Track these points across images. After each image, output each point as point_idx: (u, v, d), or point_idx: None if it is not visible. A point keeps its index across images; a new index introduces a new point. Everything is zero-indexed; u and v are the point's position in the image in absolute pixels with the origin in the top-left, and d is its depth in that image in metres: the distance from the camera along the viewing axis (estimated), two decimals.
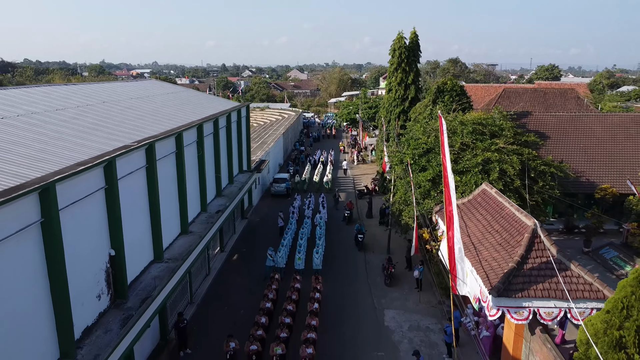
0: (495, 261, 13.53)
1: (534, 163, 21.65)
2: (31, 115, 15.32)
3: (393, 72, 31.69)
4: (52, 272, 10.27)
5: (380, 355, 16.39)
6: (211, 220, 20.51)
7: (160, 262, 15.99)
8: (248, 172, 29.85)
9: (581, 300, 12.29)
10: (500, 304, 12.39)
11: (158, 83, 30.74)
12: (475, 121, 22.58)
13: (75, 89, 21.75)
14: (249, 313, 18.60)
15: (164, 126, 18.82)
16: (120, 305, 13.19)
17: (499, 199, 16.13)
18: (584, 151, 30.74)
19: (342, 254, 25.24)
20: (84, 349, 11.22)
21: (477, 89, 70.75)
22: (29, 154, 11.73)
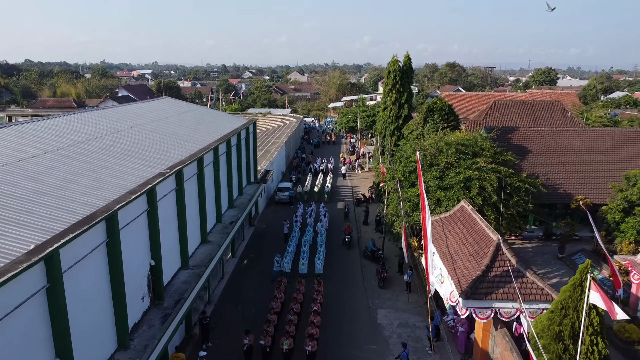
0: (466, 269, 16.42)
1: (510, 180, 24.50)
2: (78, 145, 18.17)
3: (388, 92, 34.62)
4: (114, 280, 13.16)
5: (372, 348, 19.29)
6: (226, 231, 23.41)
7: (187, 269, 18.89)
8: (255, 184, 32.76)
9: (534, 302, 15.18)
10: (468, 305, 15.28)
11: (171, 101, 33.58)
12: (459, 142, 25.43)
13: (105, 113, 24.60)
14: (260, 311, 21.47)
15: (183, 148, 21.72)
16: (159, 306, 16.08)
17: (473, 215, 19.03)
18: (563, 164, 33.59)
19: (341, 259, 28.11)
20: (135, 341, 14.11)
21: (471, 97, 73.84)
22: (89, 184, 14.60)
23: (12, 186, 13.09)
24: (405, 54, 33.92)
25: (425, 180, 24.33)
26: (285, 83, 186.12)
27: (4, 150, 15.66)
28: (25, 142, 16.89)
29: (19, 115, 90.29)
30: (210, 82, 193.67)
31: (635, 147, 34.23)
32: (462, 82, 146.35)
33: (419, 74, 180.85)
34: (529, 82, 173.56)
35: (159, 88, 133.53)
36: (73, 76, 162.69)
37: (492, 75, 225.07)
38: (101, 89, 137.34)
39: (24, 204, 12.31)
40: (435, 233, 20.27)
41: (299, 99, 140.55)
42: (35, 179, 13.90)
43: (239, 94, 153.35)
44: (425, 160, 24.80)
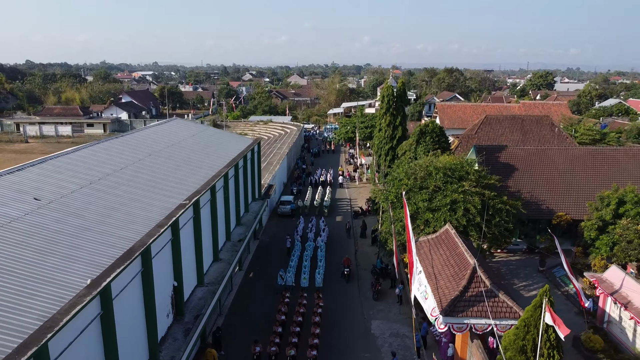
0: (447, 289, 18.89)
1: (492, 202, 26.96)
2: (107, 178, 20.64)
3: (383, 115, 37.13)
4: (147, 302, 15.63)
5: (366, 356, 21.77)
6: (235, 249, 25.89)
7: (202, 286, 21.36)
8: (260, 200, 35.23)
9: (503, 319, 17.66)
10: (447, 321, 17.75)
11: (182, 123, 36.04)
12: (446, 166, 27.89)
13: (125, 141, 27.01)
14: (266, 322, 23.93)
15: (197, 176, 24.19)
16: (180, 321, 18.55)
17: (456, 239, 21.50)
18: (547, 181, 36.07)
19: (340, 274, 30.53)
20: (163, 353, 16.58)
21: (466, 108, 76.24)
22: (122, 218, 17.06)
23: (60, 223, 15.55)
24: (400, 79, 36.41)
25: (415, 202, 26.84)
26: (285, 87, 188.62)
27: (47, 186, 18.12)
28: (62, 177, 19.35)
29: (26, 123, 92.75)
30: (211, 86, 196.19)
31: (615, 165, 36.73)
32: (460, 87, 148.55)
33: (418, 78, 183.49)
34: (525, 87, 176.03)
35: (161, 94, 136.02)
36: (76, 80, 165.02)
37: (491, 77, 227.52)
38: (104, 94, 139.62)
39: (72, 239, 14.78)
40: (423, 253, 22.76)
41: (299, 104, 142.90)
42: (78, 215, 16.36)
43: (240, 99, 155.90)
44: (416, 184, 27.27)
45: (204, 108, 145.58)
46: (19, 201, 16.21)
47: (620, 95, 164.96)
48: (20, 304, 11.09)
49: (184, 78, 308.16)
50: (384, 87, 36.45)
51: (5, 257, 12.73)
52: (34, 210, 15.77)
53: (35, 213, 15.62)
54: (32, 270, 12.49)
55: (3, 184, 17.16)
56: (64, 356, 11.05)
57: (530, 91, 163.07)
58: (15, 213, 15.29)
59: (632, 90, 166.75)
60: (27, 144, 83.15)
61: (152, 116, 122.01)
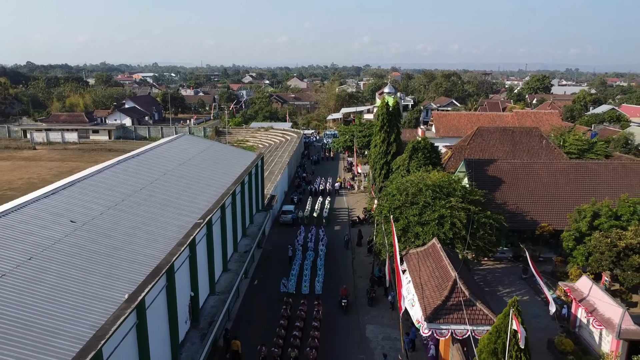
0: (431, 298, 21.40)
1: (477, 217, 29.47)
2: (128, 199, 23.13)
3: (378, 132, 39.69)
4: (170, 312, 18.13)
5: (361, 357, 24.28)
6: (242, 260, 28.41)
7: (214, 295, 23.88)
8: (263, 212, 37.74)
9: (480, 325, 20.16)
10: (431, 327, 20.26)
11: (190, 140, 38.55)
12: (435, 183, 30.38)
13: (140, 160, 29.48)
14: (270, 326, 26.40)
15: (208, 194, 26.70)
16: (196, 327, 21.06)
17: (441, 253, 24.01)
18: (531, 194, 38.56)
19: (338, 281, 33.01)
20: (182, 355, 19.09)
21: (460, 117, 78.66)
22: (146, 237, 19.56)
23: (95, 243, 18.06)
24: (394, 98, 38.98)
25: (407, 216, 29.35)
26: (285, 90, 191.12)
27: (78, 208, 20.62)
28: (89, 199, 21.84)
29: (33, 129, 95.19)
30: (212, 90, 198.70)
31: (596, 178, 39.26)
32: (457, 92, 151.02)
33: (416, 82, 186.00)
34: (522, 92, 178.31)
35: (164, 98, 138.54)
36: (79, 85, 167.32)
37: (489, 80, 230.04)
38: (107, 99, 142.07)
39: (108, 259, 17.28)
40: (412, 265, 25.27)
41: (299, 108, 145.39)
42: (108, 236, 18.87)
43: (240, 103, 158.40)
44: (407, 199, 29.78)
45: (205, 112, 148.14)
46: (58, 223, 18.71)
47: (616, 98, 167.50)
48: (75, 316, 13.60)
49: (184, 80, 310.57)
50: (380, 105, 38.99)
51: (57, 276, 15.24)
52: (71, 232, 18.27)
53: (73, 235, 18.13)
54: (80, 287, 14.99)
55: (41, 207, 19.65)
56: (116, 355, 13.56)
57: (527, 95, 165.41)
58: (56, 235, 17.80)
59: (628, 94, 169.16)
60: (35, 150, 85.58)
61: (154, 121, 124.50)
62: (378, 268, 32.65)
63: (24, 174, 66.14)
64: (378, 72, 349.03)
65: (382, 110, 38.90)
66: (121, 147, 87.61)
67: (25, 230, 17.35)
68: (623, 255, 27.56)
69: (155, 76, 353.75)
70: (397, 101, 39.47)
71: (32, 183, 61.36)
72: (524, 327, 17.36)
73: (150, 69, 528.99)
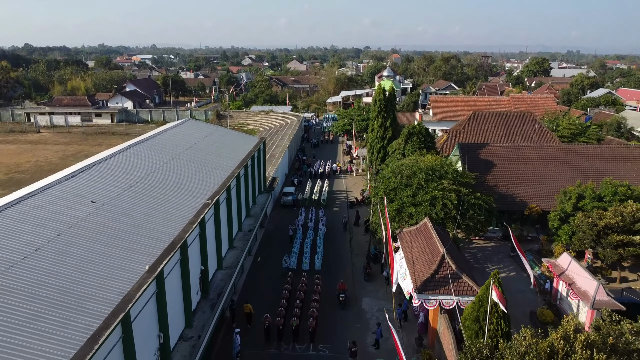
0: (421, 272, 23.36)
1: (467, 198, 31.30)
2: (142, 181, 24.90)
3: (375, 117, 41.28)
4: (184, 282, 20.07)
5: (357, 326, 26.37)
6: (246, 238, 30.34)
7: (221, 270, 25.85)
8: (265, 193, 39.56)
9: (465, 296, 22.14)
10: (420, 297, 22.24)
11: (196, 124, 40.14)
12: (428, 166, 32.13)
13: (150, 145, 31.15)
14: (273, 299, 28.43)
15: (215, 176, 28.46)
16: (206, 297, 23.06)
17: (431, 231, 25.90)
18: (521, 176, 40.32)
19: (336, 259, 35.08)
20: (195, 322, 21.10)
21: (457, 100, 79.96)
22: (162, 216, 21.38)
23: (116, 222, 19.90)
24: (390, 86, 40.46)
25: (401, 197, 31.20)
26: (284, 73, 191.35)
27: (98, 190, 22.40)
28: (108, 182, 23.62)
29: (36, 113, 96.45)
30: (212, 73, 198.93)
31: (584, 161, 40.98)
32: (456, 75, 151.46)
33: (416, 65, 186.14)
34: (521, 75, 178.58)
35: (164, 82, 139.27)
36: (80, 68, 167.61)
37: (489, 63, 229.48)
38: (108, 82, 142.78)
39: (129, 235, 19.14)
40: (405, 242, 27.20)
41: (299, 91, 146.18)
42: (128, 215, 20.71)
43: (240, 86, 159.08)
44: (402, 182, 31.59)
45: (205, 95, 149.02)
46: (80, 204, 20.53)
47: (615, 81, 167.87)
48: (103, 284, 15.50)
49: (184, 63, 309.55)
50: (377, 91, 40.54)
51: (84, 250, 17.11)
52: (93, 212, 20.10)
53: (95, 214, 19.96)
54: (105, 260, 16.88)
55: (64, 189, 21.44)
56: (136, 322, 15.50)
57: (526, 78, 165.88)
58: (80, 214, 19.62)
59: (627, 77, 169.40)
60: (40, 134, 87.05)
61: (155, 104, 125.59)
62: (374, 246, 34.61)
63: (30, 157, 67.79)
64: (378, 55, 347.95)
65: (379, 97, 40.42)
66: (124, 131, 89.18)
67: (53, 210, 19.16)
68: (603, 234, 29.46)
69: (154, 58, 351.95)
70: (393, 87, 40.79)
71: (39, 166, 63.11)
72: (503, 296, 19.31)
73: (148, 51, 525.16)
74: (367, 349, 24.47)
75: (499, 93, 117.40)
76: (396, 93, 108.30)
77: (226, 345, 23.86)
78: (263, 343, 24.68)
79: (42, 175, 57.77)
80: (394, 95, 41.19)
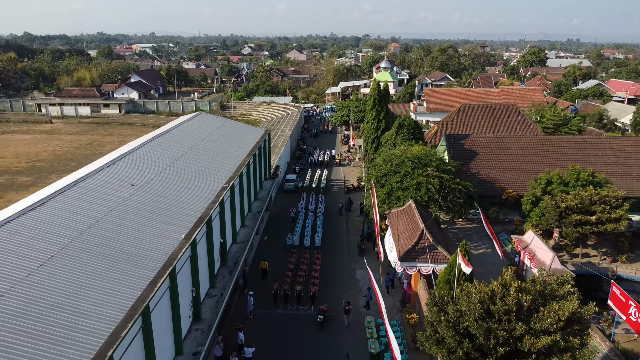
0: (404, 244, 27.91)
1: (449, 183, 35.77)
2: (169, 168, 29.30)
3: (370, 110, 45.64)
4: (209, 251, 24.60)
5: (351, 292, 31.02)
6: (255, 218, 34.89)
7: (236, 244, 30.40)
8: (270, 180, 44.05)
9: (440, 263, 26.72)
10: (403, 264, 26.81)
11: (207, 117, 44.44)
12: (415, 155, 36.53)
13: (170, 137, 35.46)
14: (279, 271, 33.04)
15: (228, 164, 32.87)
16: (225, 265, 27.62)
17: (415, 211, 30.42)
18: (501, 164, 44.77)
19: (334, 237, 39.64)
20: (217, 283, 25.69)
21: (450, 92, 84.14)
22: (190, 197, 25.81)
23: (154, 201, 24.36)
24: (384, 84, 44.79)
25: (390, 183, 35.69)
26: (285, 64, 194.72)
27: (134, 175, 26.80)
28: (141, 168, 28.03)
29: (47, 104, 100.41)
30: (213, 63, 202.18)
31: (558, 151, 45.38)
32: (453, 65, 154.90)
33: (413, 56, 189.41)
34: (518, 65, 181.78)
35: (168, 72, 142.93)
36: (84, 58, 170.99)
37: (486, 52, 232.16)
38: (112, 72, 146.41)
39: (166, 212, 23.61)
40: (392, 221, 31.75)
41: (299, 82, 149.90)
42: (162, 196, 25.16)
43: (241, 76, 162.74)
44: (391, 169, 36.03)
45: (207, 86, 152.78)
46: (123, 187, 24.98)
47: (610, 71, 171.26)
48: (150, 247, 20.01)
49: (184, 52, 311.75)
50: (372, 86, 44.85)
51: (133, 222, 21.61)
52: (135, 193, 24.56)
53: (136, 195, 24.43)
54: (149, 229, 21.41)
55: (107, 175, 25.87)
56: (179, 276, 20.05)
57: (522, 68, 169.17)
58: (124, 194, 24.09)
59: (622, 68, 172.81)
60: (52, 124, 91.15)
61: (159, 95, 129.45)
62: (367, 226, 39.19)
63: (47, 147, 72.03)
64: (377, 44, 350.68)
65: (374, 92, 44.72)
66: (132, 121, 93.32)
67: (103, 192, 23.62)
68: (564, 215, 33.98)
69: (154, 47, 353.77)
70: (387, 84, 44.99)
71: (57, 155, 67.41)
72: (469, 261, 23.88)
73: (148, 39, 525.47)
74: (359, 309, 29.18)
75: (493, 84, 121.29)
76: (393, 84, 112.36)
77: (241, 306, 28.52)
78: (272, 305, 29.34)
79: (61, 163, 62.40)
80: (388, 91, 45.42)
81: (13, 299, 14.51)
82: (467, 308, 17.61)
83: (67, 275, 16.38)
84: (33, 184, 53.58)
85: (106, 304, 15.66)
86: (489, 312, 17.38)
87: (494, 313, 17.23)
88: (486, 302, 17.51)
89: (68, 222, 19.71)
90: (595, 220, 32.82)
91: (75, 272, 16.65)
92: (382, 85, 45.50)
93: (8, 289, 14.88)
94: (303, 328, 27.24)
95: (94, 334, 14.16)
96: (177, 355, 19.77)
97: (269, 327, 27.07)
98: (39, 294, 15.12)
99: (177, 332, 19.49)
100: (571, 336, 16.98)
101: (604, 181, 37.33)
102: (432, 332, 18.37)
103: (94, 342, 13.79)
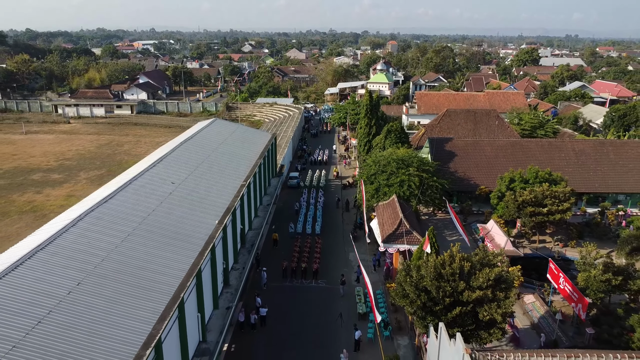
0: (387, 230, 34.94)
1: (427, 181, 42.75)
2: (197, 169, 36.21)
3: (363, 118, 52.68)
4: (234, 236, 31.60)
5: (345, 270, 38.13)
6: (265, 210, 41.92)
7: (251, 230, 37.43)
8: (276, 177, 51.09)
9: (414, 245, 33.76)
10: (385, 246, 33.87)
11: (222, 123, 51.35)
12: (400, 157, 43.48)
13: (193, 142, 42.32)
14: (286, 252, 40.05)
15: (243, 165, 39.85)
16: (244, 246, 34.65)
17: (396, 204, 37.46)
18: (476, 164, 51.73)
19: (331, 226, 46.67)
20: (239, 260, 32.74)
21: (439, 96, 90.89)
22: (217, 193, 32.76)
23: (191, 195, 31.30)
24: (376, 92, 51.83)
25: (378, 180, 42.71)
26: (285, 63, 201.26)
27: (172, 175, 33.72)
28: (176, 170, 34.95)
29: (63, 105, 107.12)
30: (215, 62, 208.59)
31: (527, 152, 52.29)
32: (447, 66, 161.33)
33: (409, 54, 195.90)
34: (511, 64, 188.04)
35: (174, 73, 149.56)
36: (91, 58, 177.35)
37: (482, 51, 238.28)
38: (120, 72, 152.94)
39: (200, 203, 30.57)
40: (379, 212, 38.81)
41: (299, 81, 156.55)
42: (196, 191, 32.11)
43: (243, 76, 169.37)
44: (379, 169, 43.03)
45: (211, 85, 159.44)
46: (165, 184, 31.94)
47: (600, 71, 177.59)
48: (195, 230, 26.97)
49: (186, 50, 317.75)
50: (364, 96, 51.85)
51: (177, 212, 28.58)
52: (176, 190, 31.52)
53: (177, 191, 31.39)
54: (190, 218, 28.37)
55: (152, 175, 32.80)
56: (216, 249, 27.07)
57: (515, 68, 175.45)
58: (168, 190, 31.04)
59: (611, 67, 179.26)
60: (70, 124, 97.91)
61: (167, 95, 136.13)
62: (359, 217, 46.29)
63: (70, 147, 78.89)
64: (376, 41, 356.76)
65: (366, 101, 51.76)
66: (145, 121, 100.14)
67: (150, 188, 30.58)
68: (522, 207, 41.01)
69: (155, 44, 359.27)
70: (379, 95, 51.87)
71: (80, 154, 74.30)
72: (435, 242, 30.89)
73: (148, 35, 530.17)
74: (351, 283, 36.33)
75: (484, 85, 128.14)
76: (389, 85, 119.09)
77: (256, 280, 35.65)
78: (281, 279, 36.48)
79: (86, 162, 69.39)
80: (378, 102, 52.44)
81: (107, 265, 21.53)
82: (425, 272, 24.68)
83: (144, 249, 23.43)
84: (65, 180, 60.54)
85: (170, 268, 22.67)
86: (440, 275, 24.44)
87: (444, 275, 24.29)
88: (439, 267, 24.58)
89: (134, 210, 26.72)
90: (546, 211, 39.86)
91: (148, 247, 23.68)
92: (374, 95, 52.46)
93: (105, 256, 21.90)
94: (307, 295, 34.39)
95: (169, 283, 21.16)
96: (215, 309, 26.82)
97: (280, 295, 34.22)
98: (129, 253, 22.15)
99: (214, 292, 26.54)
100: (498, 291, 24.08)
101: (559, 179, 44.35)
102: (400, 290, 25.44)
103: (172, 283, 20.81)
